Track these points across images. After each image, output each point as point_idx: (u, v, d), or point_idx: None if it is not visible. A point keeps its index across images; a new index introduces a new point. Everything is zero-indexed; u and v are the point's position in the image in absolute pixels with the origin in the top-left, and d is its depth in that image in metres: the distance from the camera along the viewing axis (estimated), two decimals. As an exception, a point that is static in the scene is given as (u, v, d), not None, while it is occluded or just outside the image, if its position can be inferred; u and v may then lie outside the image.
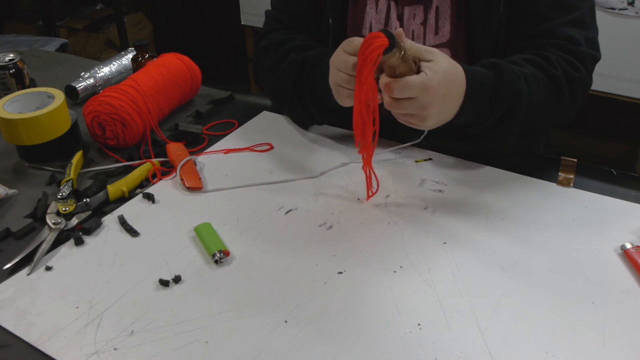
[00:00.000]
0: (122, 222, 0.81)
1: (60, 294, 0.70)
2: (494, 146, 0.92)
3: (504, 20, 0.91)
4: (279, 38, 1.05)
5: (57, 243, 0.78)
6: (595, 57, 0.92)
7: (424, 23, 0.97)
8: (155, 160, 0.94)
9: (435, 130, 0.85)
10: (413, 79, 0.74)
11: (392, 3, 0.97)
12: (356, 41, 0.78)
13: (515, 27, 0.92)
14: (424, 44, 0.99)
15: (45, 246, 0.76)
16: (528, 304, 0.67)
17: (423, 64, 0.75)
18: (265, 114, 1.09)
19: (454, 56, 0.98)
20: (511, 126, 0.86)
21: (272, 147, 0.99)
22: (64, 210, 0.82)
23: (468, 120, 0.83)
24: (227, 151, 0.98)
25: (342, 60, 0.79)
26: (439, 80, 0.74)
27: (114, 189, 0.86)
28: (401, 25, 0.99)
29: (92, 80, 1.19)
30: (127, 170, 0.93)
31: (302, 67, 0.97)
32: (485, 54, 0.93)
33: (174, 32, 3.38)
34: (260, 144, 1.00)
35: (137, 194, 0.88)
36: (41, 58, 1.43)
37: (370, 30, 1.01)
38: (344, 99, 0.83)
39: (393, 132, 0.94)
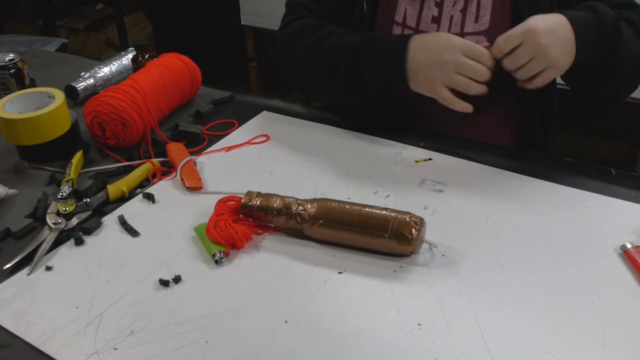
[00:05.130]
0: (122, 222, 0.81)
1: (60, 294, 0.70)
2: (609, 91, 0.96)
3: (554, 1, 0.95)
4: (314, 23, 1.02)
5: (57, 243, 0.78)
6: None
7: (464, 10, 0.97)
8: (155, 160, 0.94)
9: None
10: (512, 29, 0.83)
11: None
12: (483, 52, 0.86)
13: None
14: (462, 30, 0.97)
15: (45, 246, 0.76)
16: (528, 304, 0.67)
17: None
18: (265, 114, 1.09)
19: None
20: (622, 52, 0.89)
21: (268, 139, 1.01)
22: (64, 210, 0.82)
23: (588, 53, 0.87)
24: (229, 148, 0.99)
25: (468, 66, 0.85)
26: (536, 20, 0.82)
27: (114, 189, 0.86)
28: (439, 11, 0.98)
29: (92, 80, 1.19)
30: (127, 170, 0.93)
31: (355, 49, 0.94)
32: None
33: (174, 32, 3.37)
34: (257, 136, 1.02)
35: (137, 194, 0.88)
36: (41, 58, 1.42)
37: (405, 17, 1.00)
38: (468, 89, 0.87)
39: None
